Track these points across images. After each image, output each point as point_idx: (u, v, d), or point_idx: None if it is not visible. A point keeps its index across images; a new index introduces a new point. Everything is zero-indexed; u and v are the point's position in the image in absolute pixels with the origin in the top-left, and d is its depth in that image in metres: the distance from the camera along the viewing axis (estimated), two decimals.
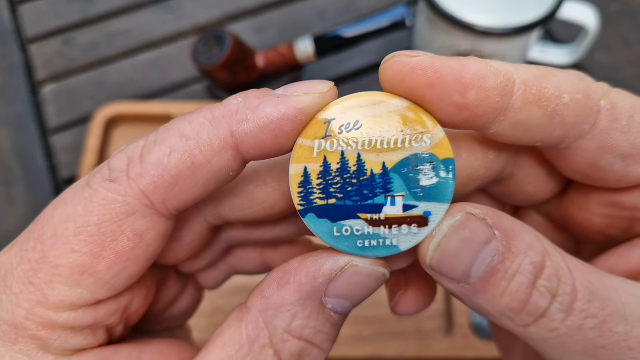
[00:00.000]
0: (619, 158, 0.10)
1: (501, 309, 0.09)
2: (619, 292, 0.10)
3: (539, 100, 0.10)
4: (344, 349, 0.26)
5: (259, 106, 0.10)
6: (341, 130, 0.10)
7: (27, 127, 0.35)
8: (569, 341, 0.09)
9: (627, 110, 0.10)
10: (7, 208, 0.32)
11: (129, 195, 0.10)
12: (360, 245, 0.10)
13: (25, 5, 0.41)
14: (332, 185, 0.10)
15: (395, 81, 0.10)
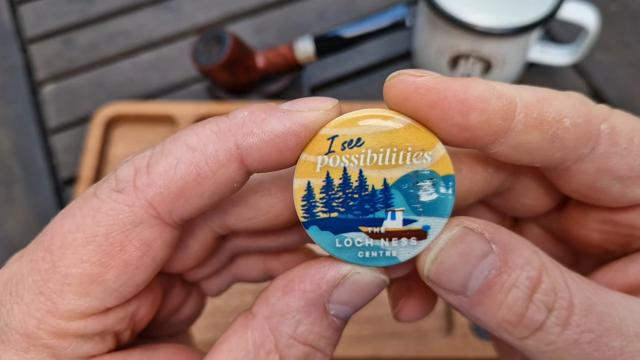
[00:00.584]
0: (617, 180, 0.10)
1: (498, 322, 0.10)
2: (616, 306, 0.10)
3: (540, 123, 0.10)
4: (343, 349, 0.26)
5: (265, 120, 0.10)
6: (344, 147, 0.10)
7: (27, 128, 0.35)
8: (566, 355, 0.09)
9: (627, 133, 0.10)
10: (7, 208, 0.32)
11: (135, 206, 0.10)
12: (361, 256, 0.10)
13: (25, 6, 0.41)
14: (335, 199, 0.10)
15: (399, 100, 0.10)
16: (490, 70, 0.32)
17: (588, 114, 0.10)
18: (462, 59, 0.32)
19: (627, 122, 0.11)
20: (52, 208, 0.32)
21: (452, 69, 0.33)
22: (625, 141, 0.10)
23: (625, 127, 0.10)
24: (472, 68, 0.32)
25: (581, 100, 0.11)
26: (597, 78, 0.36)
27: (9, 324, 0.10)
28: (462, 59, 0.32)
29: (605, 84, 0.36)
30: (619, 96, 0.36)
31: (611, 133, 0.10)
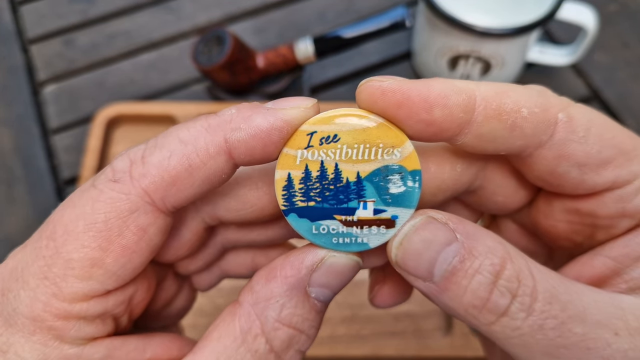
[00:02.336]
0: (575, 166, 0.11)
1: (464, 307, 0.10)
2: (580, 296, 0.10)
3: (499, 114, 0.11)
4: (342, 348, 0.26)
5: (251, 116, 0.11)
6: (321, 142, 0.11)
7: (28, 128, 0.35)
8: (531, 340, 0.10)
9: (584, 123, 0.11)
10: (8, 208, 0.32)
11: (132, 194, 0.11)
12: (335, 241, 0.12)
13: (25, 6, 0.41)
14: (312, 189, 0.11)
15: (369, 102, 0.11)
16: (490, 70, 0.33)
17: (545, 104, 0.11)
18: (461, 60, 0.32)
19: (586, 112, 0.11)
20: (52, 208, 0.32)
21: (452, 69, 0.33)
22: (582, 129, 0.11)
23: (583, 117, 0.11)
24: (471, 68, 0.33)
25: (540, 91, 0.11)
26: (596, 78, 0.37)
27: (15, 309, 0.11)
28: (461, 60, 0.32)
29: (605, 84, 0.36)
30: (617, 96, 0.36)
31: (569, 122, 0.11)
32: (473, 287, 0.10)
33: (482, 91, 0.11)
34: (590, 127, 0.11)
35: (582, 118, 0.11)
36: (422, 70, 0.36)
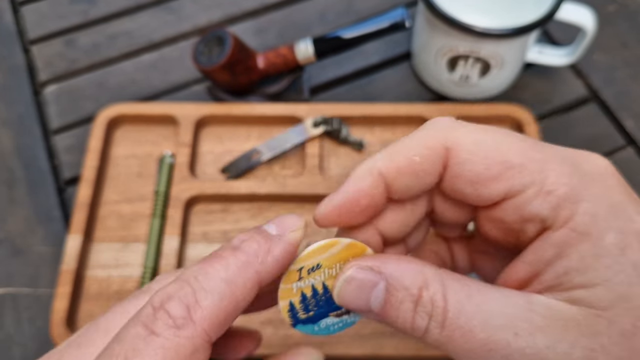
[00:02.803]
0: (468, 184, 0.14)
1: (400, 328, 0.13)
2: (486, 305, 0.12)
3: (400, 171, 0.14)
4: (342, 348, 0.26)
5: (270, 250, 0.14)
6: (309, 272, 0.15)
7: (29, 128, 0.36)
8: (450, 347, 0.12)
9: (468, 145, 0.13)
10: (9, 208, 0.33)
11: (195, 337, 0.12)
12: (332, 328, 0.16)
13: (26, 7, 0.41)
14: (310, 305, 0.15)
15: (327, 225, 0.15)
16: (489, 70, 0.33)
17: (430, 142, 0.14)
18: (461, 60, 0.32)
19: (470, 134, 0.14)
20: (53, 208, 0.33)
21: (451, 69, 0.33)
22: (466, 153, 0.13)
23: (467, 139, 0.14)
24: (471, 69, 0.33)
25: (426, 129, 0.14)
26: (595, 78, 0.37)
27: None
28: (461, 60, 0.32)
29: (604, 85, 0.36)
30: (616, 96, 0.36)
31: (454, 150, 0.13)
32: (401, 315, 0.13)
33: (379, 165, 0.14)
34: (476, 148, 0.13)
35: (466, 141, 0.13)
36: (421, 70, 0.36)
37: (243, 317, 0.28)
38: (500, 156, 0.13)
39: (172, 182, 0.31)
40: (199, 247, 0.30)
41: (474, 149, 0.13)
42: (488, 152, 0.13)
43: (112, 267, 0.30)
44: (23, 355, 0.28)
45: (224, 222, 0.31)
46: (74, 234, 0.29)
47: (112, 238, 0.30)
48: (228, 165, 0.32)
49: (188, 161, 0.32)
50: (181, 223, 0.30)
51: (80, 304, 0.29)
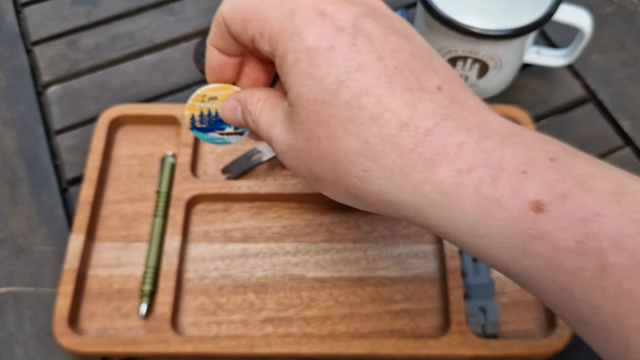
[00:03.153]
0: (234, 37, 0.20)
1: (254, 130, 0.21)
2: (274, 111, 0.20)
3: (223, 37, 0.21)
4: (341, 347, 0.27)
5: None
6: (209, 100, 0.22)
7: (32, 128, 0.36)
8: (261, 133, 0.20)
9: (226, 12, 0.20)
10: (11, 208, 0.33)
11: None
12: (216, 141, 0.24)
13: (29, 8, 0.41)
14: (204, 120, 0.23)
15: (215, 80, 0.22)
16: (487, 72, 0.33)
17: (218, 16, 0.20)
18: (459, 61, 0.32)
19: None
20: (56, 208, 0.33)
21: None
22: (226, 17, 0.20)
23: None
24: (469, 70, 0.33)
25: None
26: (592, 79, 0.37)
27: None
28: (459, 61, 0.32)
29: (601, 85, 0.37)
30: (614, 97, 0.36)
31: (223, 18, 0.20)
32: (249, 122, 0.21)
33: (212, 38, 0.21)
34: (235, 13, 0.19)
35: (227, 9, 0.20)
36: None
37: (243, 316, 0.29)
38: (247, 15, 0.19)
39: (174, 182, 0.31)
40: (200, 247, 0.30)
41: (232, 14, 0.19)
42: (243, 13, 0.19)
43: (114, 266, 0.30)
44: (25, 354, 0.28)
45: (224, 222, 0.31)
46: (76, 233, 0.30)
47: (114, 237, 0.31)
48: (229, 165, 0.32)
49: (189, 161, 0.32)
50: (182, 222, 0.30)
51: (82, 302, 0.29)
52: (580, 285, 0.15)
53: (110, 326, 0.28)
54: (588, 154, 0.16)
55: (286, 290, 0.29)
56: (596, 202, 0.14)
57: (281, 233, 0.31)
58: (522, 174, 0.15)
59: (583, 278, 0.14)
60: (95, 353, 0.27)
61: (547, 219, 0.15)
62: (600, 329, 0.15)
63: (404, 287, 0.29)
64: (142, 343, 0.27)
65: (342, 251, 0.30)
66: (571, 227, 0.14)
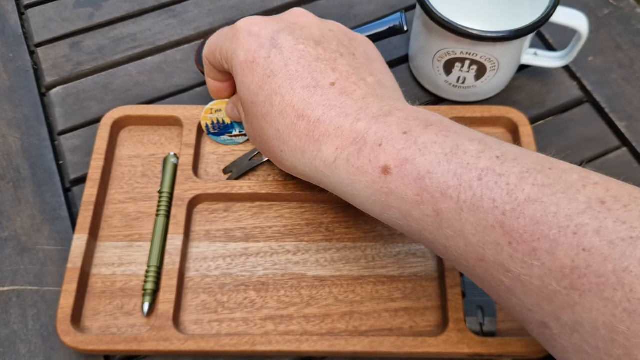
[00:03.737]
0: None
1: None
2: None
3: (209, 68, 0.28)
4: (341, 344, 0.27)
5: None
6: (216, 111, 0.31)
7: (36, 129, 0.36)
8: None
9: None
10: (15, 208, 0.33)
11: None
12: (227, 140, 0.33)
13: (32, 10, 0.42)
14: (215, 127, 0.32)
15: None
16: (485, 73, 0.33)
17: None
18: (457, 63, 0.33)
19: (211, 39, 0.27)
20: (59, 207, 0.33)
21: (448, 72, 0.34)
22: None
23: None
24: (467, 72, 0.33)
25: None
26: (589, 80, 0.37)
27: None
28: (457, 63, 0.33)
29: (598, 86, 0.37)
30: (610, 98, 0.37)
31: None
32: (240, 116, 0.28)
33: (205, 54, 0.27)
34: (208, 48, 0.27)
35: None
36: (419, 73, 0.37)
37: (244, 314, 0.29)
38: (213, 48, 0.26)
39: (176, 182, 0.32)
40: (202, 246, 0.31)
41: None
42: (212, 48, 0.27)
43: (117, 265, 0.30)
44: (28, 352, 0.29)
45: (226, 221, 0.32)
46: (79, 232, 0.30)
47: (117, 237, 0.31)
48: (230, 166, 0.33)
49: (191, 162, 0.32)
50: (184, 222, 0.30)
51: (85, 301, 0.29)
52: (428, 228, 0.19)
53: (113, 324, 0.29)
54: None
55: (287, 289, 0.29)
56: (430, 162, 0.19)
57: (282, 232, 0.31)
58: (379, 146, 0.20)
59: (427, 223, 0.19)
60: (98, 351, 0.27)
61: (393, 179, 0.19)
62: (453, 261, 0.20)
63: (403, 286, 0.29)
64: (144, 341, 0.27)
65: (341, 250, 0.31)
66: (410, 183, 0.19)
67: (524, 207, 0.17)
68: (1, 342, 0.29)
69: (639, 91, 0.37)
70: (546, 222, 0.16)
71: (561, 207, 0.16)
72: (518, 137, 0.33)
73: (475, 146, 0.19)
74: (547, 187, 0.17)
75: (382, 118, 0.20)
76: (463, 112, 0.34)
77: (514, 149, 0.19)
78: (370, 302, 0.29)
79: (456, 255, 0.19)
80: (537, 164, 0.18)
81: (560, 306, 0.17)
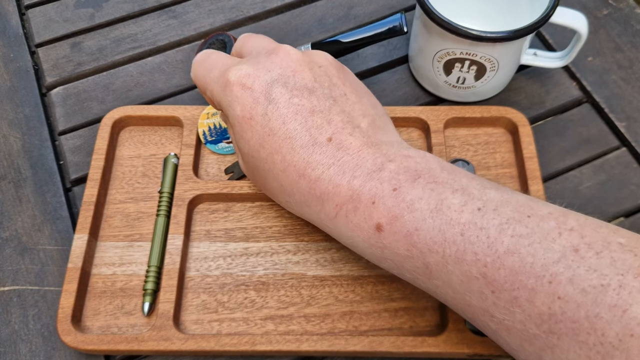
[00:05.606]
0: None
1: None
2: None
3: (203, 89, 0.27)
4: (341, 344, 0.27)
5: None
6: (212, 116, 0.32)
7: (36, 129, 0.36)
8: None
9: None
10: (16, 207, 0.33)
11: None
12: (224, 150, 0.32)
13: (33, 10, 0.42)
14: (212, 133, 0.32)
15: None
16: (485, 74, 0.33)
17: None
18: (457, 63, 0.33)
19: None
20: (60, 207, 0.33)
21: (447, 73, 0.34)
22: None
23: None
24: (466, 72, 0.33)
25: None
26: (589, 81, 0.37)
27: None
28: (457, 63, 0.33)
29: (597, 87, 0.37)
30: (610, 98, 0.37)
31: None
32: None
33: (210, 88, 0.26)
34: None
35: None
36: (418, 73, 0.37)
37: (244, 314, 0.29)
38: (202, 86, 0.27)
39: (176, 182, 0.32)
40: (202, 246, 0.31)
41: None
42: (200, 85, 0.27)
43: (117, 265, 0.30)
44: (29, 352, 0.29)
45: (226, 221, 0.32)
46: (80, 232, 0.30)
47: (118, 237, 0.31)
48: (231, 166, 0.33)
49: (192, 162, 0.32)
50: (185, 222, 0.31)
51: (85, 301, 0.29)
52: (420, 277, 0.21)
53: (114, 324, 0.29)
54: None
55: (287, 289, 0.29)
56: (416, 219, 0.20)
57: (282, 232, 0.31)
58: (372, 204, 0.21)
59: (418, 273, 0.21)
60: (99, 351, 0.27)
61: (385, 235, 0.21)
62: (445, 303, 0.22)
63: (403, 286, 0.29)
64: (144, 341, 0.27)
65: (341, 250, 0.31)
66: (400, 239, 0.20)
67: (503, 259, 0.18)
68: (2, 341, 0.29)
69: (638, 91, 0.37)
70: (524, 272, 0.18)
71: (537, 258, 0.18)
72: (517, 138, 0.33)
73: (458, 199, 0.20)
74: (524, 237, 0.18)
75: (376, 174, 0.21)
76: (463, 112, 0.34)
77: (495, 195, 0.20)
78: (370, 301, 0.29)
79: (446, 300, 0.21)
80: (517, 212, 0.19)
81: (540, 347, 0.18)
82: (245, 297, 0.29)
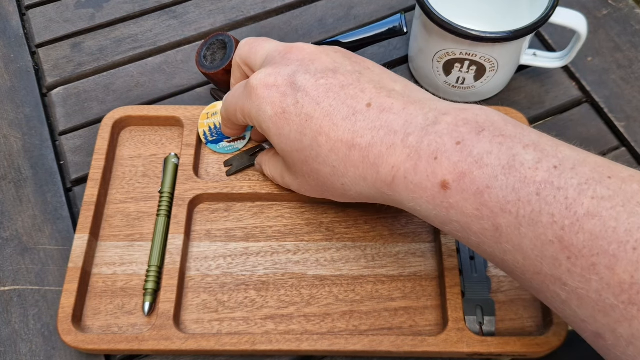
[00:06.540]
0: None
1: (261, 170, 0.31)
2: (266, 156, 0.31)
3: (228, 119, 0.29)
4: (340, 343, 0.27)
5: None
6: (212, 115, 0.32)
7: (37, 129, 0.36)
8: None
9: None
10: (17, 207, 0.33)
11: None
12: (227, 149, 0.32)
13: (33, 10, 0.42)
14: (213, 133, 0.32)
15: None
16: (484, 74, 0.33)
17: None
18: (457, 64, 0.33)
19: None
20: (60, 207, 0.33)
21: (447, 73, 0.34)
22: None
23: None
24: (466, 72, 0.34)
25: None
26: (588, 81, 0.37)
27: None
28: (457, 64, 0.33)
29: (597, 86, 0.37)
30: (609, 98, 0.37)
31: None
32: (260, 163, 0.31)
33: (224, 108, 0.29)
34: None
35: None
36: (418, 73, 0.37)
37: (244, 313, 0.29)
38: (231, 109, 0.27)
39: (177, 182, 0.32)
40: (202, 245, 0.31)
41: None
42: (229, 109, 0.28)
43: (118, 264, 0.30)
44: (29, 351, 0.29)
45: (226, 221, 0.32)
46: (80, 232, 0.30)
47: (118, 236, 0.31)
48: (230, 159, 0.33)
49: (192, 162, 0.32)
50: (185, 222, 0.31)
51: (86, 300, 0.29)
52: (487, 241, 0.19)
53: (114, 324, 0.29)
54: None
55: (287, 288, 0.29)
56: (487, 176, 0.18)
57: (282, 232, 0.31)
58: (434, 160, 0.19)
59: (486, 236, 0.19)
60: (99, 350, 0.27)
61: (452, 193, 0.19)
62: (509, 273, 0.20)
63: (402, 285, 0.30)
64: (145, 340, 0.27)
65: (341, 250, 0.31)
66: (469, 198, 0.19)
67: (583, 222, 0.17)
68: (2, 341, 0.29)
69: (638, 91, 0.37)
70: (605, 237, 0.16)
71: (620, 222, 0.16)
72: None
73: (531, 155, 0.18)
74: (606, 200, 0.17)
75: (431, 128, 0.20)
76: None
77: (571, 154, 0.19)
78: (370, 301, 0.29)
79: (513, 268, 0.19)
80: (596, 173, 0.18)
81: (616, 319, 0.17)
82: (246, 296, 0.29)
